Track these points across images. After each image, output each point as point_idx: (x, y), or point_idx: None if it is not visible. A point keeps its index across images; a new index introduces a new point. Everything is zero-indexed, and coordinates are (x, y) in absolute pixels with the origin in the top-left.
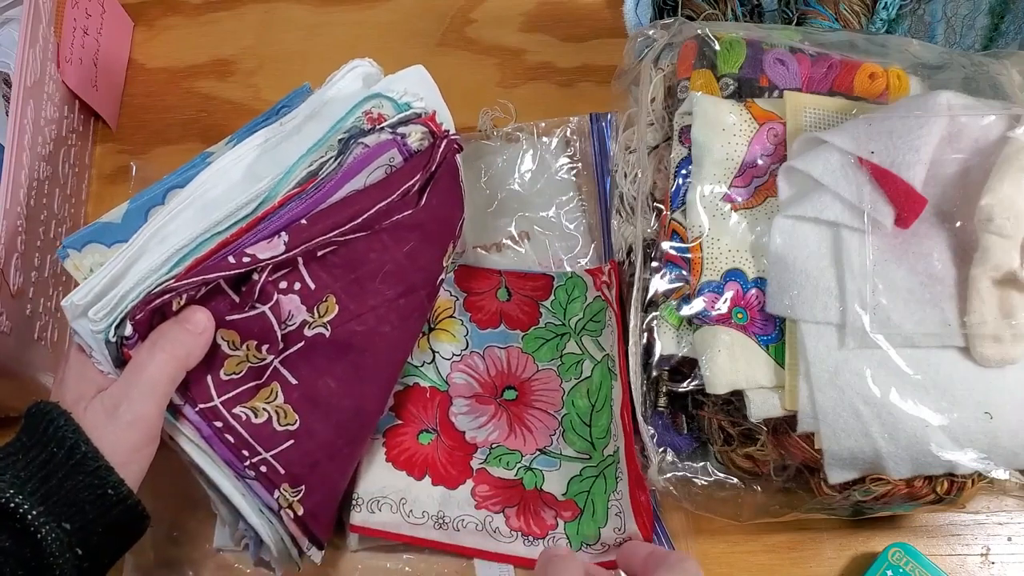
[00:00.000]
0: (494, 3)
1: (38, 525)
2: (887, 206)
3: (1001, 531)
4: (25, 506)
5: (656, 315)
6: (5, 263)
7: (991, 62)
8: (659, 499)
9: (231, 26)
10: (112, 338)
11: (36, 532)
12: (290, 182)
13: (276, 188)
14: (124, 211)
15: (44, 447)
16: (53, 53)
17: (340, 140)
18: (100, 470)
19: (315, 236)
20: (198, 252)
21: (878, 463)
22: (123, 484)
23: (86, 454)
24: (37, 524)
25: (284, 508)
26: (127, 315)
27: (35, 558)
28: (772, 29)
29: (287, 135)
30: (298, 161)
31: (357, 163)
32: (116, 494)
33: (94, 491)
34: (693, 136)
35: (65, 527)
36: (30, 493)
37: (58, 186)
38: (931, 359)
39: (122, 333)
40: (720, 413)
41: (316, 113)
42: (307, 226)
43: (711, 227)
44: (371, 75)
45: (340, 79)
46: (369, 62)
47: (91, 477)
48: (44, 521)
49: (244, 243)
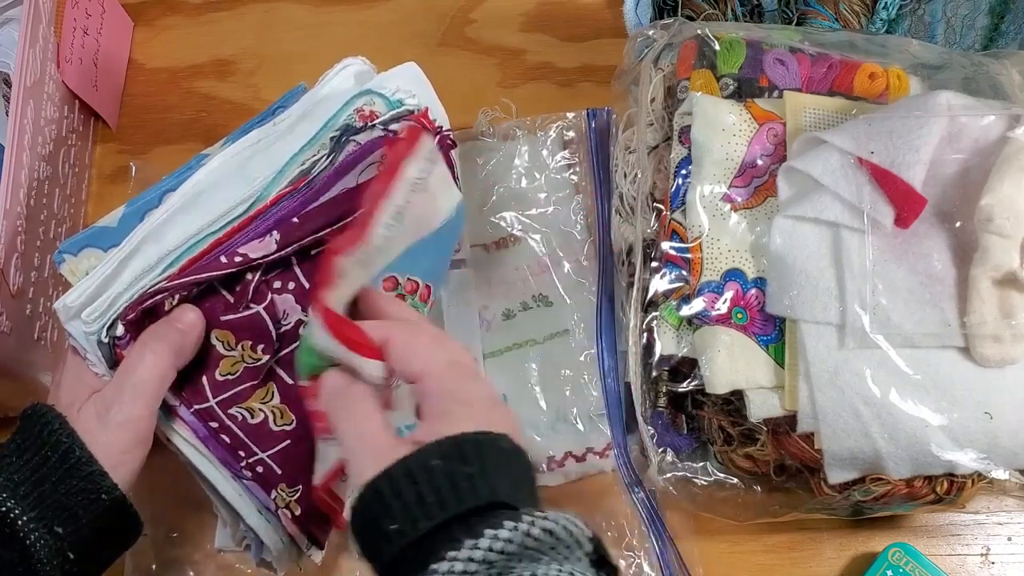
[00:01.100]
0: (494, 3)
1: (28, 531)
2: (887, 206)
3: (1001, 531)
4: (16, 511)
5: (656, 315)
6: (5, 263)
7: (991, 62)
8: (659, 499)
9: (231, 26)
10: (104, 339)
11: (25, 538)
12: (282, 181)
13: (269, 188)
14: (120, 215)
15: (38, 450)
16: (53, 53)
17: (332, 138)
18: (94, 475)
19: (307, 235)
20: (191, 252)
21: (878, 463)
22: (116, 488)
23: (80, 459)
24: (27, 530)
25: (281, 508)
26: (119, 316)
27: (23, 563)
28: (772, 29)
29: (280, 135)
30: (291, 160)
31: (349, 161)
32: (110, 499)
33: (87, 496)
34: (693, 136)
35: (57, 531)
36: (22, 497)
37: (58, 186)
38: (931, 359)
39: (114, 334)
40: (720, 413)
41: (309, 112)
42: (299, 224)
43: (711, 227)
44: (364, 73)
45: (332, 78)
46: (362, 60)
47: (84, 482)
48: (34, 527)
49: (236, 243)
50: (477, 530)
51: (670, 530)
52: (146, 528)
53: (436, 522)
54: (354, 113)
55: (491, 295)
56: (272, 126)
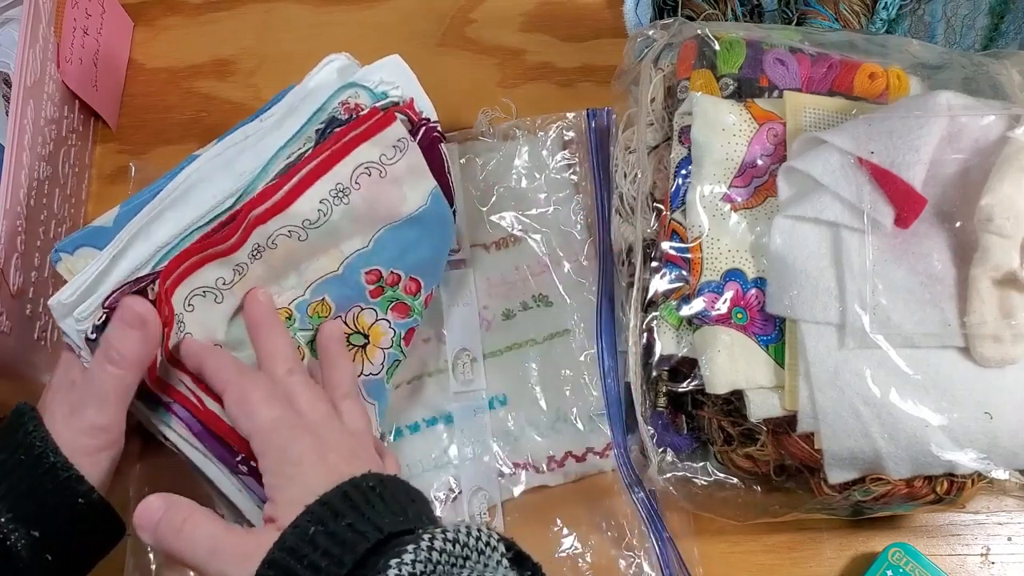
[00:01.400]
0: (494, 3)
1: (7, 532)
2: (887, 206)
3: (1001, 531)
4: None
5: (656, 315)
6: (5, 263)
7: (991, 62)
8: (659, 499)
9: (231, 26)
10: (92, 336)
11: (5, 539)
12: (269, 174)
13: (255, 182)
14: (115, 215)
15: (13, 451)
16: (53, 53)
17: (317, 130)
18: (70, 480)
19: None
20: (180, 248)
21: (878, 463)
22: (94, 491)
23: (55, 464)
24: (7, 531)
25: None
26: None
27: (5, 563)
28: (772, 29)
29: (268, 130)
30: (276, 153)
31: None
32: (87, 502)
33: (63, 499)
34: (693, 136)
35: (34, 535)
36: (3, 497)
37: (58, 186)
38: (931, 359)
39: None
40: (720, 413)
41: (295, 108)
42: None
43: (711, 227)
44: (347, 68)
45: (317, 73)
46: (346, 56)
47: (60, 486)
48: (13, 528)
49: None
50: (380, 565)
51: (670, 530)
52: None
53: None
54: (339, 106)
55: (491, 295)
56: (259, 122)
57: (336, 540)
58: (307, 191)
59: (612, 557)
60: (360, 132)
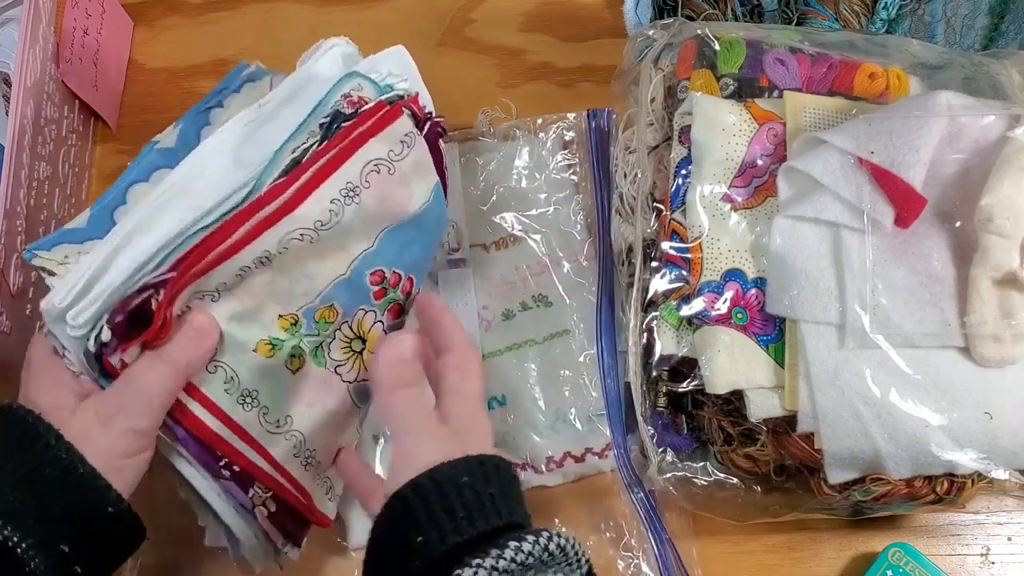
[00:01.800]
0: (494, 3)
1: (27, 559)
2: (887, 206)
3: (1001, 531)
4: (15, 538)
5: (656, 315)
6: (5, 263)
7: (991, 62)
8: (659, 499)
9: (231, 26)
10: (92, 347)
11: (25, 565)
12: (275, 171)
13: (262, 178)
14: (88, 216)
15: (34, 468)
16: (53, 53)
17: (321, 124)
18: (100, 489)
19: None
20: (184, 247)
21: (878, 463)
22: (122, 500)
23: (83, 475)
24: (27, 557)
25: (258, 505)
26: (106, 320)
27: None
28: (772, 29)
29: (267, 118)
30: (281, 148)
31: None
32: (116, 510)
33: (92, 510)
34: (693, 136)
35: (63, 549)
36: (24, 518)
37: (58, 186)
38: (931, 359)
39: (102, 340)
40: (720, 413)
41: (293, 96)
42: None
43: (711, 227)
44: (350, 55)
45: (316, 60)
46: (346, 41)
47: (90, 495)
48: (34, 554)
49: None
50: (500, 542)
51: (669, 530)
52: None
53: (464, 538)
54: (342, 99)
55: (491, 295)
56: (258, 107)
57: (478, 502)
58: (316, 191)
59: (611, 557)
60: (368, 128)
